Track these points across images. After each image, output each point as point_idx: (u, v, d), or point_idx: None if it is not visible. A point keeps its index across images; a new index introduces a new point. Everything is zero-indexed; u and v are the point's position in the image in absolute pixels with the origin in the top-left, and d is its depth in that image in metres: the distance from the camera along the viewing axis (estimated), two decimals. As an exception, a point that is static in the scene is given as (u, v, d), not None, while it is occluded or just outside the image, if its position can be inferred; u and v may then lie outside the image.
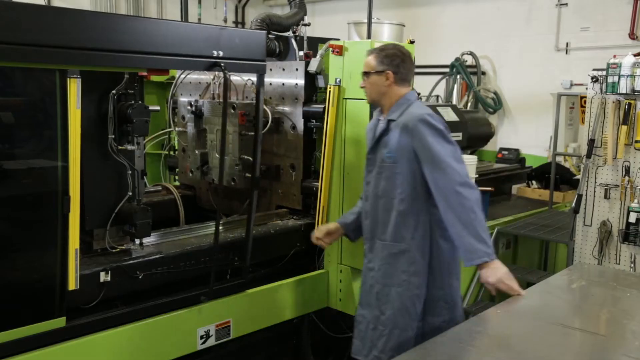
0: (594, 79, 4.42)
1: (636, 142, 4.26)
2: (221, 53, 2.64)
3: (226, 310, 2.91)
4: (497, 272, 2.59)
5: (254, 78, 3.67)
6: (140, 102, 2.59)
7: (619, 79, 4.22)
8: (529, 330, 2.35)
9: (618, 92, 4.28)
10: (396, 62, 2.80)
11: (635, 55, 4.28)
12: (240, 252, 3.03)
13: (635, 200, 4.35)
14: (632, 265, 4.39)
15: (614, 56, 4.34)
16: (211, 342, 2.86)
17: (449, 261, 2.80)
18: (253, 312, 3.03)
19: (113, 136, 2.47)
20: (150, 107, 2.63)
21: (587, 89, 4.50)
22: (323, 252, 3.41)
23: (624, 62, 4.23)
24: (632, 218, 4.27)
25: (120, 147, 2.55)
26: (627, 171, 4.40)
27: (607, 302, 2.58)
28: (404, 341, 2.71)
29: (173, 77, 4.18)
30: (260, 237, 3.19)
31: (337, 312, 3.42)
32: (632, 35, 5.58)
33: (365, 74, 2.86)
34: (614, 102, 4.38)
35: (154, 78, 4.83)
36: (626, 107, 4.29)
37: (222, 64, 2.63)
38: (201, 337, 2.81)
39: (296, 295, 3.23)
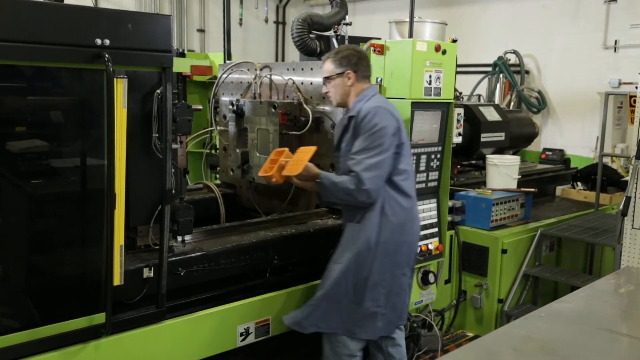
0: (644, 78, 4.27)
1: (689, 142, 4.10)
2: (107, 42, 2.18)
3: (266, 308, 2.94)
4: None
5: (294, 77, 3.70)
6: (183, 101, 2.63)
7: (671, 77, 4.07)
8: (574, 335, 2.29)
9: (670, 91, 4.13)
10: (353, 60, 2.96)
11: (688, 52, 4.13)
12: (280, 250, 3.05)
13: (687, 203, 4.18)
14: (683, 270, 4.23)
15: (666, 54, 4.20)
16: (251, 339, 2.89)
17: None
18: (292, 310, 3.04)
19: (157, 135, 2.52)
20: (193, 107, 2.66)
21: (637, 87, 4.37)
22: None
23: (677, 60, 4.09)
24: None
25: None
26: (679, 173, 4.23)
27: (656, 308, 2.50)
28: None
29: (215, 77, 4.24)
30: (300, 236, 3.20)
31: (375, 313, 3.40)
32: (685, 32, 5.37)
33: (326, 79, 3.02)
34: (665, 101, 4.22)
35: (197, 78, 4.92)
36: (678, 106, 4.13)
37: (107, 55, 2.16)
38: (241, 334, 2.84)
39: (335, 294, 3.22)
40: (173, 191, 2.60)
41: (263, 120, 3.70)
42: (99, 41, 2.18)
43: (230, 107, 3.92)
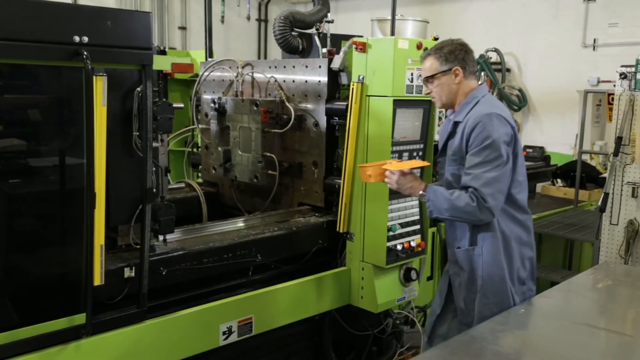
0: (622, 76, 4.35)
1: (665, 140, 4.18)
2: (86, 39, 2.14)
3: (248, 306, 2.93)
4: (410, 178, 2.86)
5: (276, 75, 3.69)
6: (164, 99, 2.61)
7: (648, 75, 4.14)
8: (553, 330, 2.32)
9: (647, 88, 4.20)
10: (461, 55, 2.75)
11: (665, 51, 4.20)
12: (262, 249, 3.05)
13: (664, 199, 4.27)
14: (660, 265, 4.31)
15: (643, 52, 4.26)
16: (233, 338, 2.88)
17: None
18: (275, 308, 3.04)
19: (137, 133, 2.50)
20: (174, 105, 2.64)
21: (615, 85, 4.43)
22: (345, 249, 3.41)
23: (654, 58, 4.15)
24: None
25: (144, 144, 2.57)
26: (656, 169, 4.31)
27: (634, 302, 2.54)
28: None
29: (197, 75, 4.22)
30: (283, 234, 3.20)
31: (358, 310, 3.42)
32: (661, 31, 5.46)
33: (430, 78, 2.77)
34: (642, 99, 4.30)
35: (178, 76, 4.89)
36: (655, 104, 4.20)
37: (85, 53, 2.12)
38: (223, 333, 2.83)
39: (318, 292, 3.23)
40: (154, 190, 2.58)
41: (245, 118, 3.69)
42: (77, 38, 2.14)
43: (212, 105, 3.91)
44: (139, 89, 2.41)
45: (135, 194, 2.52)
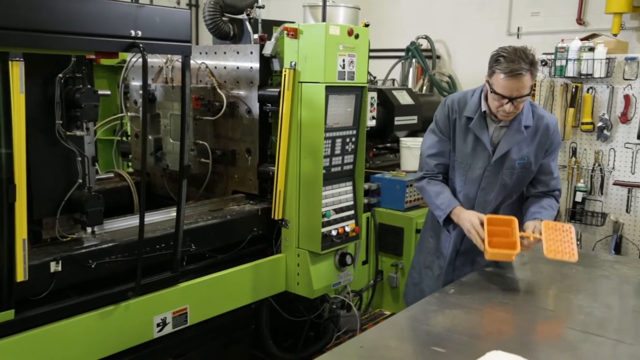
0: (543, 63, 4.54)
1: (583, 124, 4.41)
2: (140, 33, 2.41)
3: (183, 297, 2.88)
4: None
5: (207, 62, 3.63)
6: (89, 86, 2.52)
7: (567, 62, 4.35)
8: (481, 308, 2.41)
9: (566, 75, 4.41)
10: (538, 64, 2.82)
11: (581, 39, 4.41)
12: (196, 238, 3.00)
13: (582, 181, 4.50)
14: (578, 242, 4.55)
15: (562, 40, 4.46)
16: (168, 329, 2.83)
17: None
18: (210, 298, 3.01)
19: (60, 122, 2.40)
20: (100, 92, 2.55)
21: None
22: (280, 236, 3.41)
23: (571, 47, 4.36)
24: (579, 197, 4.44)
25: (68, 133, 2.47)
26: (574, 152, 4.55)
27: (556, 279, 2.68)
28: None
29: (124, 61, 4.07)
30: (217, 222, 3.16)
31: (295, 296, 3.43)
32: (579, 21, 5.72)
33: (524, 96, 2.65)
34: (562, 85, 4.50)
35: (104, 61, 4.70)
36: (573, 90, 4.42)
37: (141, 45, 2.41)
38: (158, 325, 2.78)
39: (254, 280, 3.22)
40: (80, 180, 2.50)
41: (176, 106, 3.60)
42: (133, 32, 2.40)
43: (141, 92, 3.79)
44: (60, 75, 2.31)
45: (60, 184, 2.42)
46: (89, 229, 2.67)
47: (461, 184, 2.97)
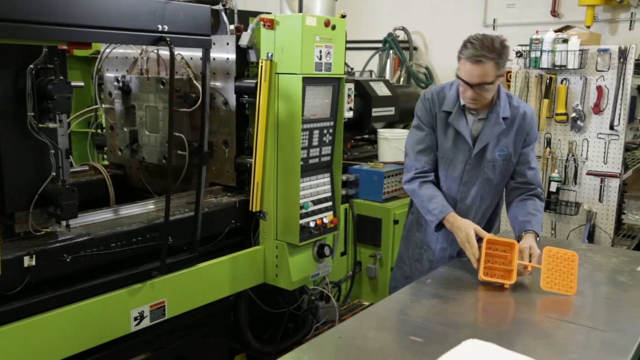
0: (518, 54, 4.58)
1: (557, 115, 4.47)
2: (166, 27, 2.59)
3: (160, 290, 2.86)
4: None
5: (184, 52, 3.59)
6: (61, 77, 2.47)
7: (541, 54, 4.39)
8: (458, 297, 2.44)
9: (540, 66, 4.46)
10: (507, 55, 2.67)
11: (555, 31, 4.46)
12: (173, 230, 2.98)
13: (556, 171, 4.57)
14: (552, 232, 4.63)
15: (537, 32, 4.51)
16: (146, 323, 2.81)
17: None
18: (188, 291, 3.00)
19: (32, 114, 2.35)
20: (73, 83, 2.51)
21: (512, 63, 4.66)
22: (258, 228, 3.41)
23: (546, 38, 4.40)
24: (553, 187, 4.50)
25: (41, 126, 2.43)
26: (549, 143, 4.61)
27: (530, 268, 2.71)
28: None
29: (98, 52, 4.00)
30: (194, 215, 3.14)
31: (273, 288, 3.43)
32: (553, 13, 5.79)
33: (487, 84, 2.63)
34: (536, 76, 4.55)
35: (77, 52, 4.62)
36: (547, 81, 4.47)
37: (168, 39, 2.58)
38: (135, 319, 2.76)
39: (232, 272, 3.21)
40: (54, 173, 2.46)
41: (152, 97, 3.56)
42: (160, 27, 2.56)
43: (116, 83, 3.74)
44: (31, 65, 2.27)
45: (33, 177, 2.38)
46: (63, 223, 2.63)
47: (443, 179, 2.95)
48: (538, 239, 2.74)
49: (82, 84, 2.87)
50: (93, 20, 2.33)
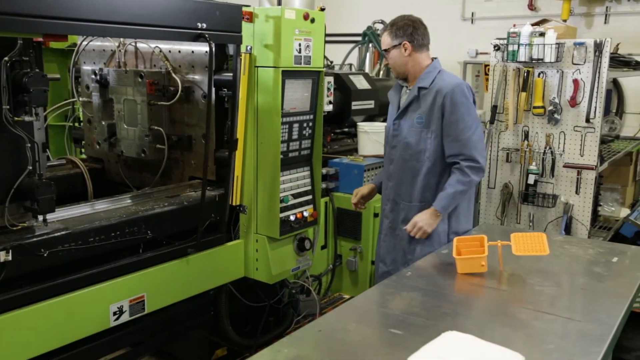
0: (496, 48, 4.61)
1: (534, 107, 4.52)
2: (204, 25, 2.80)
3: (140, 284, 2.84)
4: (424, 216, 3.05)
5: (161, 45, 3.55)
6: (37, 70, 2.43)
7: (519, 47, 4.43)
8: (437, 290, 2.47)
9: (518, 60, 4.50)
10: (409, 31, 3.10)
11: (532, 25, 4.50)
12: (153, 225, 2.96)
13: (534, 163, 4.63)
14: (530, 224, 4.69)
15: (514, 25, 4.55)
16: (125, 317, 2.79)
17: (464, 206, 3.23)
18: (168, 285, 2.98)
19: (8, 107, 2.31)
20: (49, 76, 2.47)
21: (490, 57, 4.69)
22: (239, 222, 3.40)
23: (523, 32, 4.44)
24: (531, 180, 4.56)
25: (16, 119, 2.39)
26: (527, 136, 4.66)
27: (509, 260, 2.75)
28: None
29: (74, 44, 3.95)
30: (174, 209, 3.12)
31: (254, 282, 3.43)
32: (530, 6, 5.85)
33: (385, 51, 3.14)
34: (514, 69, 4.60)
35: (54, 45, 4.56)
36: (525, 74, 4.52)
37: (207, 35, 2.79)
38: (114, 314, 2.74)
39: (212, 266, 3.20)
40: (30, 167, 2.42)
41: (130, 91, 3.52)
42: (199, 25, 2.80)
43: (93, 76, 3.68)
44: (6, 58, 2.23)
45: (8, 171, 2.34)
46: (40, 217, 2.59)
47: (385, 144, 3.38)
48: (439, 214, 3.05)
49: (58, 76, 2.84)
50: (139, 18, 2.55)
